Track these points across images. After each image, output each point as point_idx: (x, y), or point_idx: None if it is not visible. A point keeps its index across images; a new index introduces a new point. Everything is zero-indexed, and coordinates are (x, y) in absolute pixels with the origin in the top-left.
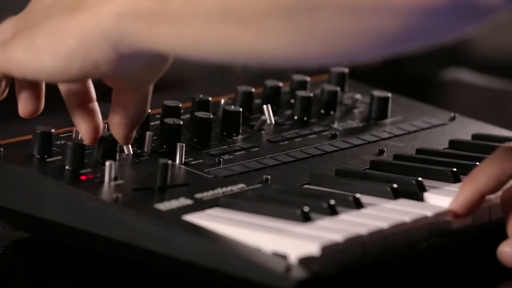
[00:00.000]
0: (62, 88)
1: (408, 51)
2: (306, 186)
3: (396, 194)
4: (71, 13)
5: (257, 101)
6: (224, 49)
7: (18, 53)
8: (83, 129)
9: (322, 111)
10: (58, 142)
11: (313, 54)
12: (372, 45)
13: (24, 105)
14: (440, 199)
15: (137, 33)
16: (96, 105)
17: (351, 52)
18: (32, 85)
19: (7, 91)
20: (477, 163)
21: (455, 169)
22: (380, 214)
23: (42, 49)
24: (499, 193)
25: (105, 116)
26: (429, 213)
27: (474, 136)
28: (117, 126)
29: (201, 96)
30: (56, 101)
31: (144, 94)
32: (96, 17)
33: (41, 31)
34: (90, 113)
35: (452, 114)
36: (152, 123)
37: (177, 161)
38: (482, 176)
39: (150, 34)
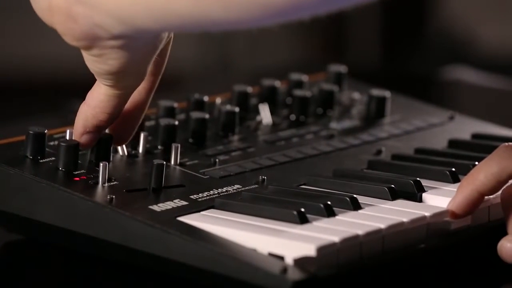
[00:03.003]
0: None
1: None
2: (302, 186)
3: (393, 195)
4: None
5: (254, 100)
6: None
7: None
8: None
9: (320, 110)
10: (51, 143)
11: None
12: (259, 15)
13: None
14: (439, 200)
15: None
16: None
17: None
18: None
19: None
20: (476, 163)
21: (453, 169)
22: (378, 215)
23: None
24: (499, 193)
25: None
26: (427, 213)
27: (474, 136)
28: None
29: (196, 95)
30: (49, 101)
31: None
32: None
33: None
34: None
35: (451, 113)
36: (147, 123)
37: (172, 162)
38: (481, 175)
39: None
